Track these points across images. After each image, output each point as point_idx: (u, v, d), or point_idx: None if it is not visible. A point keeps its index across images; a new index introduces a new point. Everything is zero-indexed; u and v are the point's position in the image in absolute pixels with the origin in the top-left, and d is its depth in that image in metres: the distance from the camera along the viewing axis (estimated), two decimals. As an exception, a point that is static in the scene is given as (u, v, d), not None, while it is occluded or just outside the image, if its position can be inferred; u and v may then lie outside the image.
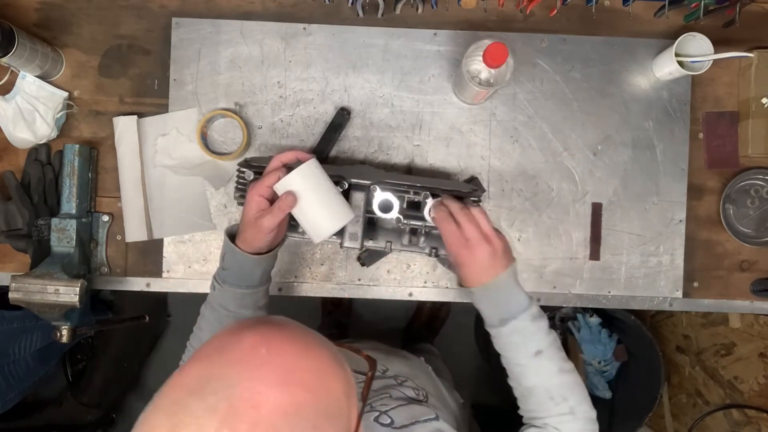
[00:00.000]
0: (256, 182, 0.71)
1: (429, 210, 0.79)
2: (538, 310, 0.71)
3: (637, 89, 0.96)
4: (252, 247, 0.71)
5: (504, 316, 0.70)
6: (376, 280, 0.96)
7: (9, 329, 1.25)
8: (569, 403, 0.68)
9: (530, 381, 0.69)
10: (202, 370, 0.38)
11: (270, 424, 0.35)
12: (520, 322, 0.69)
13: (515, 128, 0.96)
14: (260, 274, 0.74)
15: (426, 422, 0.62)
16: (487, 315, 0.72)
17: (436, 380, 0.86)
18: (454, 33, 0.95)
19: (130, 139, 0.93)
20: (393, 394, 0.67)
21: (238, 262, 0.72)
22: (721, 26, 0.95)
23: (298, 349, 0.40)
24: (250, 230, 0.70)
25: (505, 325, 0.69)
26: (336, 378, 0.41)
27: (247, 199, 0.71)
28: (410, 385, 0.72)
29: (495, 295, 0.71)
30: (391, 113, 0.96)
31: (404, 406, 0.64)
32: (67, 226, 0.88)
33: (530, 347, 0.69)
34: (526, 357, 0.69)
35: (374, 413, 0.61)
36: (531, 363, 0.69)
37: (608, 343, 1.71)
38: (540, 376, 0.69)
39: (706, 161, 0.98)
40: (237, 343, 0.40)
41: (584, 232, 0.96)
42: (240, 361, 0.38)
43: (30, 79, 0.91)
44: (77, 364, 1.70)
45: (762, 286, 0.97)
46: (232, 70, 0.95)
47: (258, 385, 0.36)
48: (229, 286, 0.73)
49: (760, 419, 1.32)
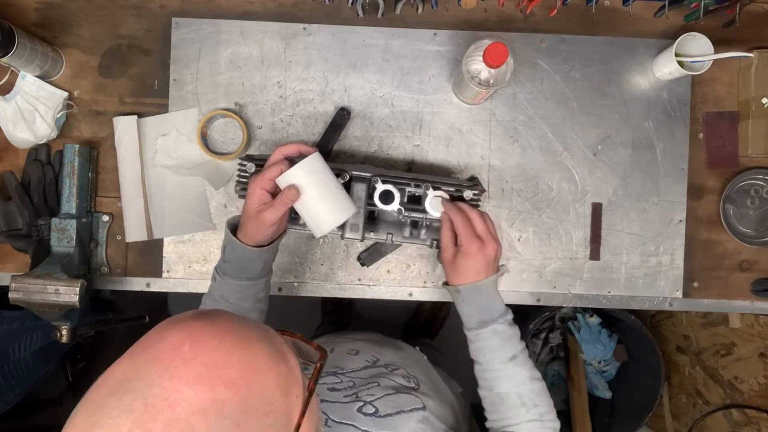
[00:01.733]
0: (258, 175, 0.71)
1: (430, 201, 0.80)
2: (512, 317, 0.74)
3: (637, 89, 0.96)
4: (253, 239, 0.71)
5: (485, 318, 0.72)
6: (376, 280, 0.96)
7: (9, 329, 1.25)
8: (539, 410, 0.70)
9: (503, 386, 0.71)
10: (125, 369, 0.37)
11: (186, 424, 0.34)
12: (499, 325, 0.71)
13: (515, 128, 0.96)
14: (261, 267, 0.74)
15: (411, 412, 0.62)
16: (468, 316, 0.74)
17: (430, 369, 0.86)
18: (454, 33, 0.95)
19: (130, 139, 0.93)
20: (382, 383, 0.67)
21: (238, 255, 0.72)
22: (721, 26, 0.95)
23: (226, 345, 0.38)
24: (252, 223, 0.70)
25: (485, 327, 0.71)
26: (269, 373, 0.39)
27: (249, 191, 0.71)
28: (401, 374, 0.72)
29: (480, 296, 0.73)
30: (391, 113, 0.96)
31: (391, 396, 0.64)
32: (67, 226, 0.88)
33: (506, 351, 0.71)
34: (501, 361, 0.71)
35: (358, 403, 0.61)
36: (506, 368, 0.71)
37: (608, 343, 1.71)
38: (513, 382, 0.71)
39: (706, 161, 0.98)
40: (161, 341, 0.38)
41: (584, 232, 0.96)
42: (161, 359, 0.37)
43: (30, 79, 0.91)
44: (77, 364, 1.70)
45: (762, 286, 0.97)
46: (232, 70, 0.95)
47: (176, 383, 0.35)
48: (230, 278, 0.73)
49: (760, 419, 1.32)
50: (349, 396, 0.62)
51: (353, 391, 0.64)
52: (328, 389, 0.63)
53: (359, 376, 0.69)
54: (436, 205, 0.81)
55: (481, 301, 0.73)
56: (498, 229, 0.96)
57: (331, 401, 0.61)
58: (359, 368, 0.71)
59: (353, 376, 0.68)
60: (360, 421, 0.58)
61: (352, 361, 0.73)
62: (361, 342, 0.83)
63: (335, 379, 0.66)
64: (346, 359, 0.74)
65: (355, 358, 0.74)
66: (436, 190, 0.81)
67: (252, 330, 0.40)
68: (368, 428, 0.57)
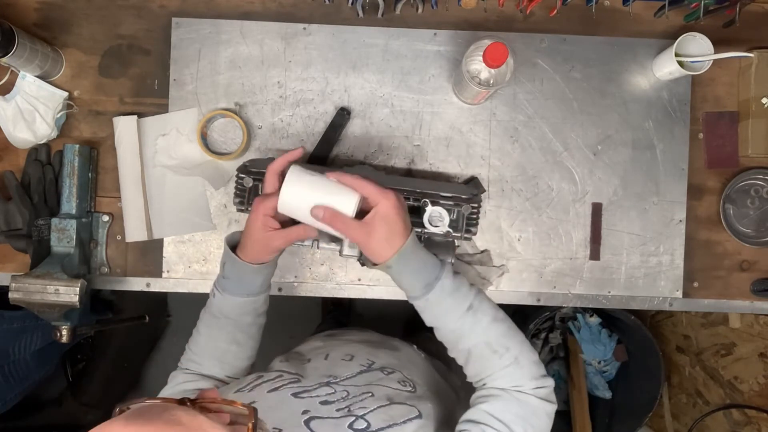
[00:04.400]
0: (261, 199, 0.69)
1: (428, 218, 0.79)
2: (451, 265, 0.68)
3: (637, 89, 0.96)
4: (254, 259, 0.71)
5: (428, 280, 0.66)
6: (376, 280, 0.96)
7: (9, 329, 1.25)
8: (512, 353, 0.65)
9: (469, 341, 0.66)
10: None
11: None
12: (444, 280, 0.66)
13: (515, 128, 0.96)
14: (261, 283, 0.74)
15: (404, 423, 0.60)
16: (410, 286, 0.67)
17: (428, 367, 0.84)
18: (454, 33, 0.95)
19: (130, 139, 0.93)
20: (376, 393, 0.65)
21: (238, 272, 0.72)
22: (721, 26, 0.95)
23: None
24: (256, 245, 0.70)
25: (432, 288, 0.65)
26: None
27: (252, 216, 0.70)
28: (397, 378, 0.70)
29: (412, 259, 0.66)
30: (391, 113, 0.96)
31: (384, 407, 0.62)
32: (67, 226, 0.88)
33: (461, 304, 0.66)
34: (459, 316, 0.65)
35: (350, 418, 0.59)
36: (465, 321, 0.65)
37: (608, 343, 1.71)
38: (477, 333, 0.65)
39: (706, 161, 0.98)
40: None
41: (584, 232, 0.96)
42: None
43: (30, 79, 0.91)
44: (77, 364, 1.70)
45: (762, 286, 0.97)
46: (232, 70, 0.95)
47: None
48: (230, 295, 0.73)
49: (760, 419, 1.32)
50: (342, 410, 0.61)
51: (346, 403, 0.62)
52: (320, 402, 0.62)
53: (354, 383, 0.67)
54: (435, 218, 0.81)
55: (416, 263, 0.66)
56: (498, 229, 0.96)
57: (323, 417, 0.60)
58: (354, 374, 0.70)
59: (347, 385, 0.67)
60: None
61: (347, 367, 0.72)
62: (357, 344, 0.82)
63: (328, 390, 0.65)
64: (340, 366, 0.73)
65: (350, 364, 0.73)
66: (434, 205, 0.81)
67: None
68: None
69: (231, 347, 0.77)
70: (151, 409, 0.40)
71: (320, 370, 0.71)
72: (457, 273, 0.68)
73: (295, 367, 0.72)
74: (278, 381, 0.66)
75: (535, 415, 0.63)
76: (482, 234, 0.96)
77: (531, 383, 0.64)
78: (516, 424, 0.61)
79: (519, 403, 0.63)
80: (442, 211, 0.81)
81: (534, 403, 0.63)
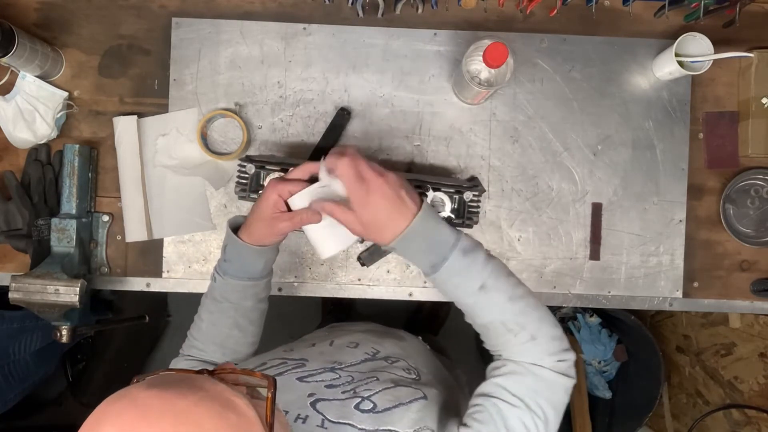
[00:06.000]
0: (279, 180, 0.69)
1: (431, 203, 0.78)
2: (469, 242, 0.64)
3: (637, 89, 0.96)
4: (257, 241, 0.71)
5: (434, 261, 0.63)
6: (376, 280, 0.96)
7: (9, 329, 1.25)
8: (528, 331, 0.62)
9: (483, 318, 0.64)
10: None
11: None
12: (453, 262, 0.63)
13: (515, 128, 0.96)
14: (262, 266, 0.74)
15: (410, 403, 0.60)
16: (418, 264, 0.66)
17: (432, 357, 0.84)
18: (454, 33, 0.95)
19: (130, 139, 0.93)
20: (381, 377, 0.65)
21: (240, 254, 0.72)
22: (721, 26, 0.95)
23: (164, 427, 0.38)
24: (262, 226, 0.70)
25: (438, 270, 0.63)
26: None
27: (265, 194, 0.69)
28: (402, 366, 0.70)
29: (418, 241, 0.64)
30: (391, 113, 0.96)
31: (390, 389, 0.62)
32: (67, 226, 0.88)
33: (472, 284, 0.63)
34: (471, 295, 0.63)
35: (356, 399, 0.60)
36: (478, 300, 0.63)
37: (608, 343, 1.71)
38: (491, 312, 0.63)
39: (706, 161, 0.98)
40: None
41: (584, 232, 0.96)
42: None
43: (30, 79, 0.91)
44: (77, 364, 1.70)
45: (762, 286, 0.97)
46: (232, 70, 0.95)
47: None
48: (231, 278, 0.73)
49: (760, 419, 1.32)
50: (347, 392, 0.62)
51: (351, 386, 0.63)
52: (326, 386, 0.63)
53: (358, 370, 0.68)
54: (437, 204, 0.80)
55: (421, 244, 0.64)
56: (498, 229, 0.96)
57: (329, 399, 0.60)
58: (358, 361, 0.70)
59: (352, 371, 0.67)
60: (357, 419, 0.57)
61: (352, 354, 0.72)
62: (361, 334, 0.81)
63: (333, 375, 0.66)
64: (345, 353, 0.73)
65: (355, 351, 0.73)
66: (436, 191, 0.81)
67: (187, 396, 0.40)
68: (365, 426, 0.56)
69: (233, 332, 0.77)
70: (172, 376, 0.42)
71: (325, 356, 0.71)
72: (476, 246, 0.65)
73: (299, 353, 0.72)
74: (282, 367, 0.67)
75: (551, 389, 0.62)
76: (482, 234, 0.96)
77: (549, 359, 0.62)
78: (529, 398, 0.60)
79: (534, 377, 0.61)
80: (444, 197, 0.81)
81: (550, 377, 0.62)
